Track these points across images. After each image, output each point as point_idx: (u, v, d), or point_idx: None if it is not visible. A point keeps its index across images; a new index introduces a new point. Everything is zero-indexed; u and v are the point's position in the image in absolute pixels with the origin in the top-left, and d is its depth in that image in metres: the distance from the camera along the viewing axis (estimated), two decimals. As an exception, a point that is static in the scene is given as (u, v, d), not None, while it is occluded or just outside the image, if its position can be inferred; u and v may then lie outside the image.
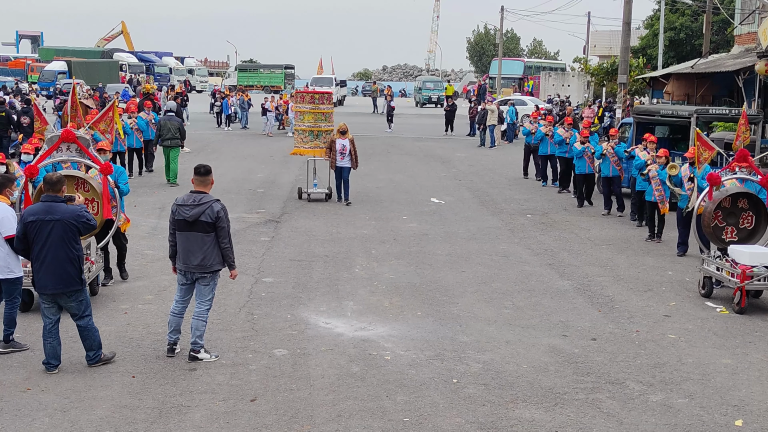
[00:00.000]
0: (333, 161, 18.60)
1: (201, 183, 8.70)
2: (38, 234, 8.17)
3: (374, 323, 10.13)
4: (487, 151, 32.55)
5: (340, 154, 18.52)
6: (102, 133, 13.58)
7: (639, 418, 7.51)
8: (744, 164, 11.93)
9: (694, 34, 44.53)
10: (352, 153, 18.62)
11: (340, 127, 18.89)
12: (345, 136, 18.62)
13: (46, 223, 8.16)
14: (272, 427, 7.13)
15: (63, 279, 8.21)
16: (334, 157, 18.51)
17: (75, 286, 8.30)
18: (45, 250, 8.17)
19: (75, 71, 60.18)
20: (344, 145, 18.51)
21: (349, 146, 18.57)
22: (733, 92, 27.63)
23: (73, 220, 8.24)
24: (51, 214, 8.18)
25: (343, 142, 18.52)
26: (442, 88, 68.57)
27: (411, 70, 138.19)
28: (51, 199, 8.31)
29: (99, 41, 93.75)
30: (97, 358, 8.50)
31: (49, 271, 8.19)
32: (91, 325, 8.49)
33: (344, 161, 18.60)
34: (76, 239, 8.32)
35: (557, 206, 19.32)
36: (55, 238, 8.15)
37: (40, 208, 8.28)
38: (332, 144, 18.59)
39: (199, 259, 8.53)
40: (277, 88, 73.11)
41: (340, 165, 18.64)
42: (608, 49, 61.31)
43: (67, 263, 8.20)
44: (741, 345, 9.69)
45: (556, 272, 12.94)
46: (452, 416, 7.44)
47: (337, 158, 18.52)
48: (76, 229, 8.28)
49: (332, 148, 18.57)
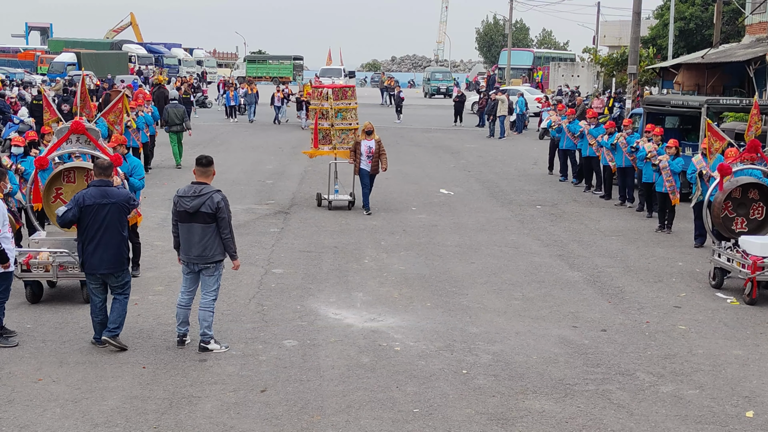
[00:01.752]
0: (357, 165, 16.62)
1: (202, 174, 8.70)
2: (94, 217, 8.53)
3: (384, 314, 10.13)
4: (496, 142, 32.49)
5: (366, 157, 16.55)
6: (111, 124, 13.59)
7: (649, 409, 7.50)
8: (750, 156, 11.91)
9: (705, 24, 44.27)
10: (379, 156, 16.62)
11: (366, 126, 16.71)
12: (371, 136, 16.59)
13: (103, 207, 8.54)
14: (282, 418, 7.15)
15: (115, 260, 8.63)
16: (358, 160, 16.58)
17: (124, 266, 8.79)
18: (100, 233, 8.55)
19: (84, 63, 60.21)
20: (370, 147, 16.48)
21: (376, 148, 16.56)
22: (744, 82, 27.46)
23: (125, 203, 8.74)
24: (107, 198, 8.59)
25: (368, 143, 16.51)
26: (450, 79, 68.47)
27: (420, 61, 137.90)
28: (104, 184, 8.71)
29: (108, 33, 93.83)
30: (115, 335, 8.73)
31: (103, 252, 8.58)
32: (125, 304, 8.85)
33: (370, 166, 16.62)
34: (126, 221, 8.82)
35: (567, 197, 19.27)
36: (111, 220, 8.56)
37: (96, 192, 8.63)
38: (356, 146, 16.62)
39: (200, 249, 8.55)
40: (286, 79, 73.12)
41: (365, 169, 16.59)
42: (618, 39, 60.98)
43: (119, 245, 8.63)
44: (752, 336, 9.66)
45: (565, 263, 12.92)
46: (462, 407, 7.44)
47: (363, 161, 16.58)
48: (127, 211, 8.80)
49: (357, 150, 16.60)
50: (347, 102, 17.46)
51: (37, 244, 10.43)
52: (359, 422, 7.10)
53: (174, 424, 7.00)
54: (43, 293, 10.50)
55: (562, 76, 58.14)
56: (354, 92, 17.85)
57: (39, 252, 10.23)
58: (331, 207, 16.94)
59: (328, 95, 17.38)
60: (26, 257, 10.07)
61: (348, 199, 17.16)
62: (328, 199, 17.12)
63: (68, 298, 10.53)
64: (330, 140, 17.29)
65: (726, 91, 28.28)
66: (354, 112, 17.49)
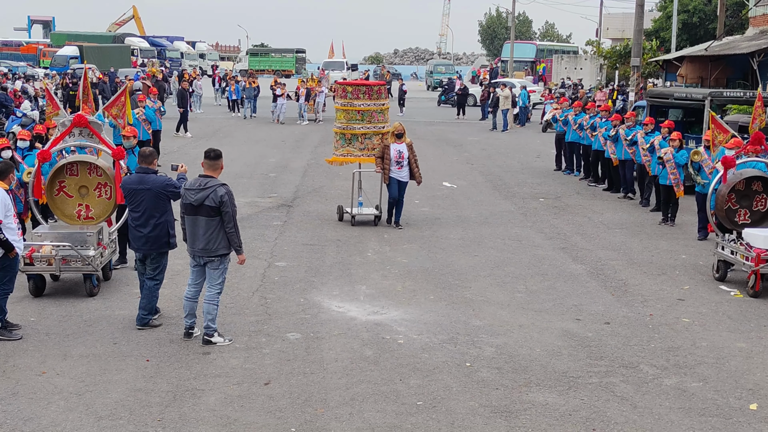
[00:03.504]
0: (387, 174, 14.51)
1: (210, 167, 8.70)
2: (131, 201, 9.14)
3: (387, 307, 10.13)
4: (499, 135, 32.46)
5: (397, 164, 14.41)
6: (114, 118, 13.59)
7: (653, 401, 7.50)
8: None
9: (708, 16, 44.19)
10: (411, 162, 14.58)
11: (395, 128, 14.56)
12: (401, 140, 14.50)
13: (139, 192, 9.08)
14: (286, 411, 7.16)
15: (150, 242, 9.07)
16: (387, 168, 14.47)
17: (160, 249, 9.17)
18: (139, 216, 9.09)
19: (87, 56, 60.25)
20: (401, 152, 14.39)
21: (407, 153, 14.54)
22: (748, 75, 27.43)
23: (161, 189, 9.11)
24: (143, 184, 9.09)
25: (399, 147, 14.42)
26: (453, 72, 68.36)
27: (422, 54, 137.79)
28: (143, 171, 9.22)
29: (110, 26, 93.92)
30: (147, 321, 9.19)
31: (141, 234, 9.10)
32: (154, 290, 9.24)
33: (402, 173, 14.44)
34: (166, 206, 9.19)
35: (570, 190, 19.24)
36: (148, 205, 9.03)
37: (135, 178, 9.25)
38: (385, 151, 14.47)
39: (204, 242, 8.56)
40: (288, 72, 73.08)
41: (396, 178, 14.51)
42: (621, 31, 60.90)
43: (156, 228, 9.00)
44: (755, 329, 9.65)
45: (569, 256, 12.91)
46: (465, 400, 7.44)
47: (393, 168, 14.43)
48: (165, 196, 9.14)
49: (385, 156, 14.50)
50: (380, 102, 14.95)
51: (40, 238, 10.43)
52: (363, 415, 7.10)
53: (178, 417, 7.01)
54: (46, 286, 10.51)
55: (565, 69, 58.04)
56: (386, 91, 15.56)
57: (42, 245, 10.24)
58: (354, 222, 14.89)
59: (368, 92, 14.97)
60: (29, 251, 10.07)
61: (374, 213, 15.02)
62: (351, 214, 14.97)
63: (72, 292, 10.55)
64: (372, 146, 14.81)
65: (729, 84, 28.25)
66: (385, 114, 15.05)
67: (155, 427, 6.83)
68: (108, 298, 10.31)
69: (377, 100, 14.77)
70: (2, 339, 8.74)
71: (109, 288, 10.73)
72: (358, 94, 14.68)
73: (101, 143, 11.03)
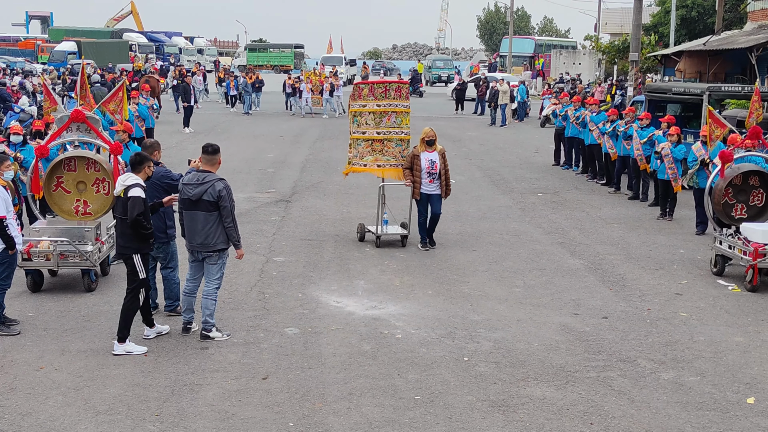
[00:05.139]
0: (417, 187, 12.53)
1: (208, 162, 8.70)
2: None
3: (385, 302, 10.14)
4: (497, 130, 32.43)
5: (428, 175, 12.43)
6: (112, 113, 13.58)
7: (650, 395, 7.51)
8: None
9: (707, 11, 44.11)
10: (442, 173, 12.62)
11: (426, 134, 12.50)
12: (433, 147, 12.53)
13: None
14: (284, 405, 7.17)
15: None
16: (417, 180, 12.55)
17: (158, 240, 9.09)
18: None
19: (85, 51, 60.11)
20: (433, 162, 12.43)
21: (440, 163, 12.62)
22: (746, 69, 27.41)
23: (157, 180, 9.15)
24: None
25: (430, 156, 12.46)
26: (452, 67, 68.30)
27: (421, 49, 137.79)
28: None
29: (109, 21, 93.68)
30: (173, 308, 9.46)
31: None
32: (173, 277, 9.43)
33: (434, 186, 12.50)
34: (162, 197, 9.10)
35: (568, 185, 19.25)
36: (148, 195, 8.79)
37: None
38: (414, 161, 12.51)
39: (203, 237, 8.57)
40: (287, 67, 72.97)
41: (427, 192, 12.55)
42: (620, 26, 60.77)
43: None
44: (753, 323, 9.66)
45: (567, 251, 12.92)
46: (463, 394, 7.45)
47: (424, 181, 12.46)
48: (161, 188, 9.18)
49: (414, 166, 12.53)
50: (403, 104, 13.00)
51: (38, 233, 10.43)
52: (361, 409, 7.11)
53: (176, 412, 7.01)
54: (44, 282, 10.51)
55: (563, 64, 58.00)
56: (407, 91, 13.35)
57: (40, 241, 10.23)
58: (379, 244, 12.92)
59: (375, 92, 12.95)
60: (27, 246, 10.07)
61: (401, 233, 13.09)
62: (375, 234, 12.97)
63: (69, 287, 10.55)
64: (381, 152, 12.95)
65: (728, 78, 28.23)
66: (406, 117, 13.07)
67: (153, 421, 6.84)
68: (106, 293, 10.31)
69: (394, 100, 12.82)
70: (0, 334, 8.74)
71: (107, 283, 10.73)
72: (372, 93, 12.87)
73: (99, 139, 11.02)
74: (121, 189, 8.39)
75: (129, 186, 8.36)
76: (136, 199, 8.29)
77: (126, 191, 8.35)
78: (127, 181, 8.41)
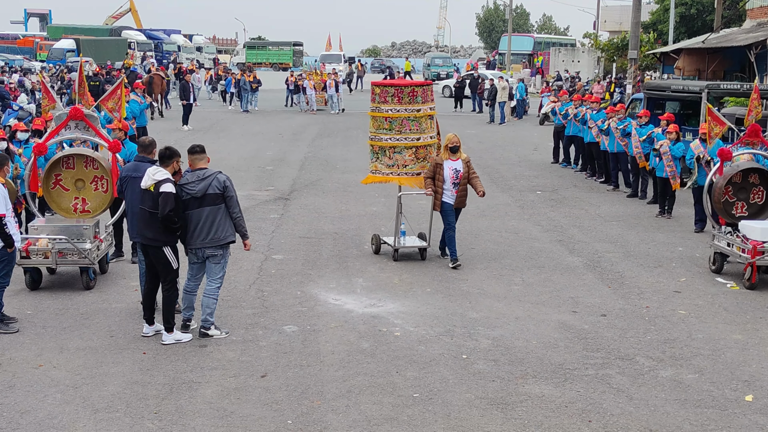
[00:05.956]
0: (438, 197, 11.75)
1: (200, 160, 8.68)
2: (127, 188, 9.11)
3: (384, 300, 10.14)
4: (496, 128, 32.42)
5: (452, 185, 11.65)
6: (110, 111, 13.57)
7: (649, 393, 7.51)
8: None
9: (705, 9, 44.13)
10: (467, 181, 11.77)
11: (450, 141, 11.69)
12: (457, 155, 11.72)
13: (132, 180, 8.97)
14: (283, 403, 7.17)
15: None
16: (440, 190, 11.77)
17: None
18: (132, 203, 8.99)
19: (83, 49, 60.06)
20: (457, 171, 11.62)
21: (465, 171, 11.76)
22: (745, 67, 27.43)
23: None
24: (137, 172, 8.96)
25: (454, 165, 11.65)
26: (451, 65, 68.26)
27: (420, 47, 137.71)
28: (140, 159, 9.22)
29: (107, 19, 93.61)
30: None
31: (135, 222, 8.90)
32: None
33: (456, 195, 11.73)
34: None
35: (567, 183, 19.25)
36: (139, 192, 8.71)
37: (131, 166, 9.30)
38: (437, 169, 11.71)
39: (213, 232, 8.53)
40: (286, 65, 72.95)
41: (450, 203, 11.75)
42: (619, 24, 60.80)
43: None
44: (751, 320, 9.67)
45: (565, 248, 12.92)
46: (462, 392, 7.46)
47: (448, 190, 11.67)
48: None
49: (437, 175, 11.75)
50: (429, 106, 12.02)
51: (36, 231, 10.42)
52: (359, 407, 7.11)
53: (174, 410, 7.01)
54: (43, 280, 10.51)
55: (562, 62, 57.97)
56: (432, 92, 12.30)
57: (38, 239, 10.23)
58: (397, 257, 12.10)
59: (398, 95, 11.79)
60: (25, 244, 10.06)
61: (420, 246, 12.30)
62: (393, 246, 12.14)
63: (68, 285, 10.55)
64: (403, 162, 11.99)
65: (727, 76, 28.25)
66: (421, 122, 11.95)
67: (151, 419, 6.84)
68: (104, 291, 10.32)
69: (410, 104, 11.75)
70: None
71: (105, 281, 10.73)
72: (386, 96, 11.80)
73: (97, 136, 11.02)
74: (152, 183, 8.34)
75: (160, 181, 8.33)
76: (169, 195, 8.29)
77: (157, 186, 8.32)
78: (157, 175, 8.38)
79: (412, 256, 12.25)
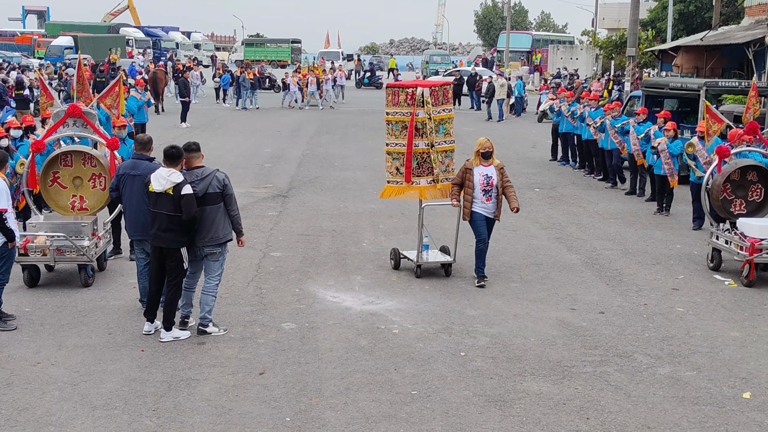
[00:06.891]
0: (468, 207, 10.74)
1: (196, 159, 8.66)
2: (125, 186, 9.17)
3: (382, 297, 10.14)
4: (495, 125, 32.41)
5: (484, 194, 10.61)
6: (108, 108, 13.58)
7: (647, 390, 7.52)
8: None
9: (704, 6, 44.10)
10: (499, 192, 10.72)
11: (481, 145, 10.76)
12: (489, 161, 10.75)
13: (131, 177, 9.10)
14: (281, 400, 7.17)
15: (143, 227, 8.94)
16: (469, 198, 10.70)
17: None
18: (130, 200, 9.13)
19: (81, 46, 59.98)
20: (489, 177, 10.62)
21: (498, 178, 10.74)
22: (743, 64, 27.43)
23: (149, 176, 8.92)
24: (134, 170, 9.12)
25: (486, 171, 10.67)
26: (449, 62, 68.24)
27: (418, 44, 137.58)
28: (137, 157, 9.31)
29: (105, 16, 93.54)
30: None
31: (133, 218, 9.14)
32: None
33: (490, 205, 10.64)
34: None
35: (566, 180, 19.25)
36: (136, 190, 9.00)
37: (129, 164, 9.33)
38: (466, 176, 10.71)
39: (213, 231, 8.53)
40: (284, 62, 72.90)
41: (482, 213, 10.71)
42: (617, 21, 60.74)
43: (145, 213, 8.75)
44: (749, 318, 9.68)
45: (564, 246, 12.92)
46: (460, 389, 7.46)
47: (478, 200, 10.63)
48: None
49: (466, 183, 10.71)
50: (447, 108, 11.24)
51: (34, 228, 10.42)
52: (357, 404, 7.11)
53: (173, 407, 7.01)
54: (41, 277, 10.50)
55: (560, 59, 57.98)
56: (451, 93, 11.54)
57: (36, 236, 10.22)
58: (419, 273, 11.13)
59: (423, 98, 10.83)
60: (24, 241, 10.06)
61: (444, 261, 11.34)
62: (416, 262, 11.15)
63: (66, 282, 10.54)
64: (429, 169, 11.07)
65: (725, 74, 28.25)
66: (450, 123, 11.33)
67: (150, 416, 6.84)
68: (103, 288, 10.31)
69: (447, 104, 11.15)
70: None
71: (103, 278, 10.72)
72: (397, 99, 10.94)
73: (95, 133, 11.01)
74: (170, 186, 8.28)
75: (179, 183, 8.29)
76: (191, 197, 8.28)
77: (176, 189, 8.28)
78: (172, 176, 8.32)
79: (435, 273, 11.23)
